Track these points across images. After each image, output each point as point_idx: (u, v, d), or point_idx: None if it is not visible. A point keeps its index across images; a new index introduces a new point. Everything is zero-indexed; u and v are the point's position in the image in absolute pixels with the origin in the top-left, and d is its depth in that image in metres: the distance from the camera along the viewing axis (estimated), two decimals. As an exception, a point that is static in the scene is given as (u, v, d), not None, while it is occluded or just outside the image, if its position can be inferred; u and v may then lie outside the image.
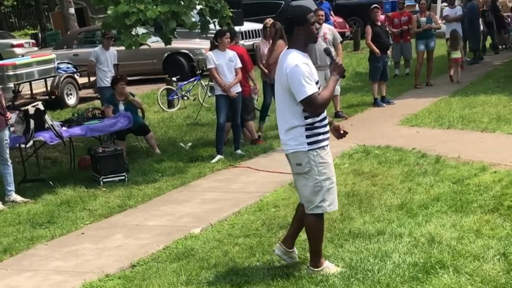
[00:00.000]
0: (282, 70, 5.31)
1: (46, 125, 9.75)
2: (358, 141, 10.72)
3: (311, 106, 5.23)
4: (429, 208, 7.17)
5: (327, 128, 5.46)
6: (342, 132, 5.70)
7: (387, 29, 15.60)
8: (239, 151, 10.70)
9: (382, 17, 16.13)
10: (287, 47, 5.49)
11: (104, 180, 9.69)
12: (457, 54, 16.60)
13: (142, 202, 8.70)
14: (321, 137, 5.37)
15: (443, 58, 18.28)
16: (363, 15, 25.39)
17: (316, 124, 5.35)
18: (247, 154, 10.59)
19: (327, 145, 5.43)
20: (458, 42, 16.84)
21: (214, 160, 10.35)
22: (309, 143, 5.32)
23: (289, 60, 5.27)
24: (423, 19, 15.85)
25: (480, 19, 20.94)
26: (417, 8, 19.22)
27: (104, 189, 9.44)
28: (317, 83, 5.33)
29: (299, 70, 5.20)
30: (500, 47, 21.35)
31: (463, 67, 17.86)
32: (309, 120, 5.31)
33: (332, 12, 26.85)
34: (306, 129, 5.32)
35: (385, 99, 14.02)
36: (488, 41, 21.18)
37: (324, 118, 5.43)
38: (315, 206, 5.44)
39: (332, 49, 12.11)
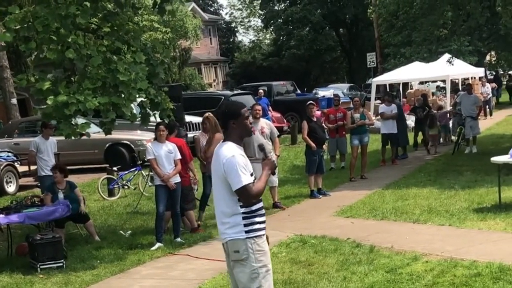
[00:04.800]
0: (219, 161, 5.49)
1: (-16, 213, 9.73)
2: (295, 230, 10.94)
3: (246, 196, 5.42)
4: (363, 295, 7.39)
5: (264, 217, 5.62)
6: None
7: (323, 124, 16.05)
8: (178, 239, 10.81)
9: (318, 113, 16.64)
10: (222, 140, 5.70)
11: (41, 266, 9.62)
12: (434, 131, 20.31)
13: (79, 289, 8.70)
14: (257, 226, 5.53)
15: (376, 152, 18.83)
16: (300, 111, 26.01)
17: (253, 213, 5.52)
18: (187, 242, 10.69)
19: (263, 234, 5.59)
20: (435, 122, 20.22)
21: (153, 248, 10.43)
22: (246, 231, 5.47)
23: (225, 151, 5.47)
24: (357, 115, 16.35)
25: (412, 116, 21.85)
26: (351, 105, 19.87)
27: (41, 276, 9.37)
28: (251, 175, 5.52)
29: (236, 160, 5.41)
30: (430, 143, 22.03)
31: (396, 162, 18.45)
32: (245, 209, 5.49)
33: (270, 108, 27.50)
34: (243, 218, 5.48)
35: (321, 191, 14.29)
36: (420, 136, 21.89)
37: (261, 208, 5.60)
38: None
39: (270, 144, 12.50)
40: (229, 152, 5.47)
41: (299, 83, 42.81)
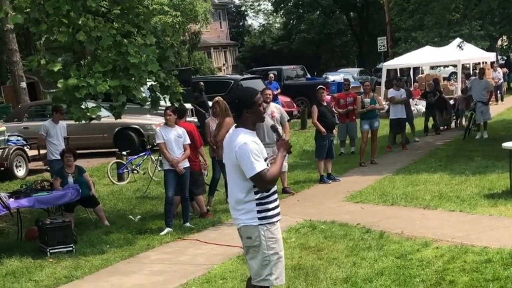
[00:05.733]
0: (231, 148, 5.46)
1: (-6, 196, 9.72)
2: (304, 216, 10.91)
3: (261, 182, 5.38)
4: (373, 282, 7.35)
5: (277, 203, 5.60)
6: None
7: (333, 109, 15.97)
8: (188, 224, 10.80)
9: (328, 97, 16.54)
10: (235, 125, 5.64)
11: (51, 251, 9.62)
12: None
13: (89, 273, 8.69)
14: (271, 212, 5.51)
15: (386, 137, 18.75)
16: (310, 95, 26.01)
17: (266, 200, 5.50)
18: (196, 227, 10.68)
19: (277, 221, 5.57)
20: (470, 104, 20.34)
21: (163, 233, 10.42)
22: (259, 218, 5.46)
23: (237, 139, 5.42)
24: (367, 100, 16.22)
25: (423, 101, 21.75)
26: (362, 89, 19.72)
27: (51, 260, 9.38)
28: (265, 159, 5.48)
29: (248, 147, 5.36)
30: (441, 127, 22.00)
31: (405, 147, 18.37)
32: (259, 196, 5.47)
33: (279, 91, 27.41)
34: (257, 204, 5.46)
35: (331, 176, 14.26)
36: (430, 122, 21.84)
37: (274, 193, 5.57)
38: (262, 279, 5.55)
39: (280, 127, 12.47)
40: (241, 139, 5.42)
41: (309, 67, 42.70)
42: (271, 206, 5.52)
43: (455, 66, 31.61)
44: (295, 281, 7.54)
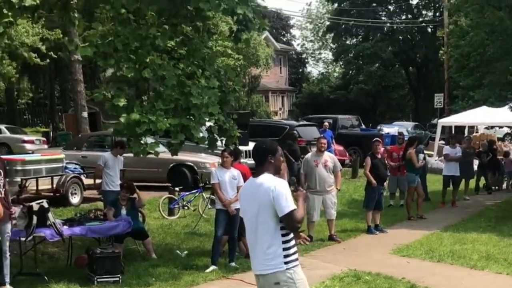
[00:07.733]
0: (264, 189, 5.69)
1: (48, 222, 9.89)
2: (349, 265, 10.94)
3: (293, 220, 5.60)
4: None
5: (296, 247, 5.81)
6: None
7: (386, 161, 16.03)
8: (233, 264, 10.92)
9: (381, 149, 16.62)
10: (252, 175, 5.99)
11: (98, 279, 9.78)
12: None
13: (134, 304, 8.87)
14: (294, 256, 5.72)
15: (437, 193, 18.66)
16: (363, 145, 26.07)
17: (289, 243, 5.71)
18: (241, 267, 10.75)
19: (298, 262, 5.77)
20: None
21: (208, 270, 10.56)
22: (286, 262, 5.65)
23: (270, 181, 5.72)
24: (421, 155, 16.25)
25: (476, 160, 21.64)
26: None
27: (97, 288, 9.58)
28: None
29: (285, 187, 5.68)
30: (493, 187, 21.81)
31: (455, 204, 18.24)
32: (285, 238, 5.67)
33: (334, 141, 27.52)
34: (283, 249, 5.66)
35: (379, 228, 14.26)
36: (482, 181, 21.68)
37: (293, 238, 5.79)
38: None
39: (332, 177, 12.70)
40: (274, 180, 5.73)
41: (364, 117, 42.69)
42: (292, 250, 5.74)
43: (510, 127, 31.28)
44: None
